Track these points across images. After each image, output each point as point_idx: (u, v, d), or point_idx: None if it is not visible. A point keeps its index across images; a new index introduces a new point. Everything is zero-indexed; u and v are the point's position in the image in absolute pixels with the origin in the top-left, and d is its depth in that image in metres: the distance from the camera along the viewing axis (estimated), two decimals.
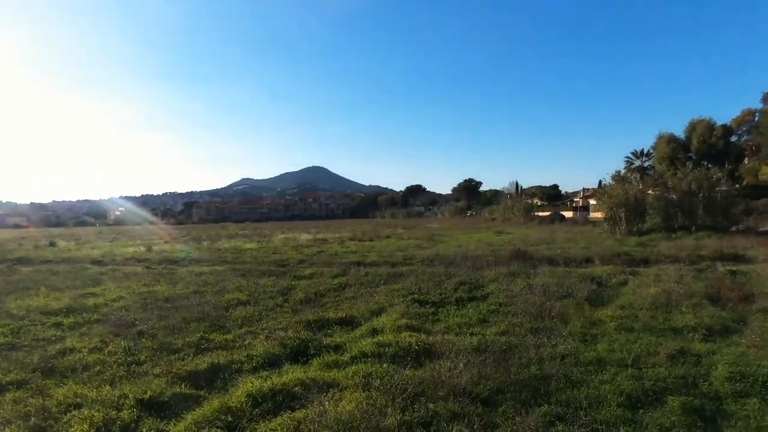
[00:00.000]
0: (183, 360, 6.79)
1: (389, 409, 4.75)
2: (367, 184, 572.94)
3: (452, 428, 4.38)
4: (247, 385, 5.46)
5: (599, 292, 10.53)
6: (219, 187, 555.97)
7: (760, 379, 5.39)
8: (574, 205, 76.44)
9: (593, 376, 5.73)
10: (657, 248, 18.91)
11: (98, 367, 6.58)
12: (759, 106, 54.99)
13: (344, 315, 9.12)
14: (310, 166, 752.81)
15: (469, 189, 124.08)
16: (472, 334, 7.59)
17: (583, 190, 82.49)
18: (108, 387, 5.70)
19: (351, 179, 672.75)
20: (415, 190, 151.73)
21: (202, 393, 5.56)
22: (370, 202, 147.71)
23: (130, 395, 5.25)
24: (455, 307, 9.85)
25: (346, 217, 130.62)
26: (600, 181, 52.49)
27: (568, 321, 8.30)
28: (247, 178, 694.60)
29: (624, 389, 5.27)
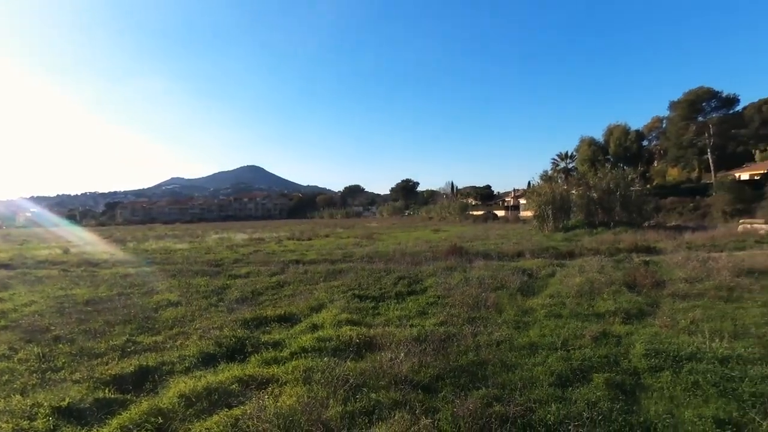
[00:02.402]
0: (107, 364, 6.32)
1: (331, 400, 4.73)
2: (305, 184, 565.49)
3: (394, 415, 4.44)
4: (180, 385, 5.20)
5: (530, 283, 11.12)
6: (146, 187, 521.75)
7: (671, 354, 5.97)
8: (506, 204, 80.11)
9: (526, 360, 6.07)
10: (581, 242, 20.32)
11: (6, 376, 5.96)
12: (666, 113, 61.00)
13: (283, 312, 8.94)
14: (246, 165, 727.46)
15: (406, 189, 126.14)
16: (412, 326, 7.73)
17: (514, 190, 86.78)
18: (18, 396, 5.18)
19: (289, 179, 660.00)
20: (354, 190, 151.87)
21: (128, 397, 5.21)
22: (308, 202, 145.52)
23: (45, 403, 4.81)
24: (395, 301, 9.99)
25: (284, 218, 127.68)
26: (529, 182, 55.62)
27: (502, 310, 8.72)
28: (178, 178, 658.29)
29: (554, 370, 5.62)
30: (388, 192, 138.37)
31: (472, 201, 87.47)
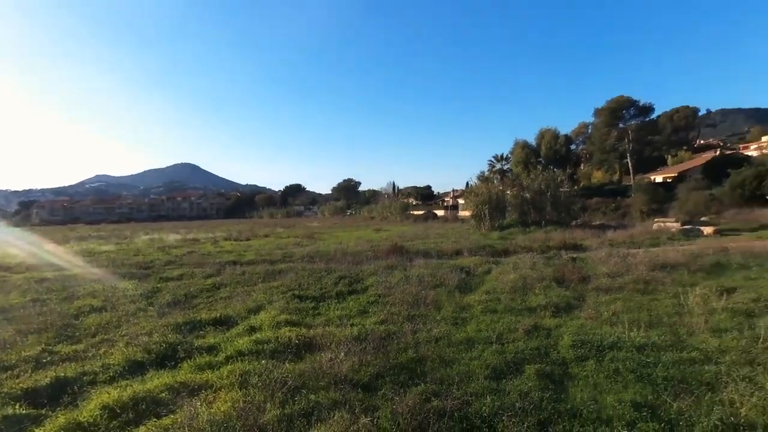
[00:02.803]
0: (18, 377, 5.77)
1: (268, 404, 4.61)
2: (243, 183, 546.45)
3: (333, 416, 4.40)
4: (102, 396, 4.85)
5: (468, 281, 11.47)
6: (67, 185, 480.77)
7: (595, 344, 6.37)
8: (445, 204, 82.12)
9: (464, 354, 6.25)
10: (515, 240, 21.25)
11: None
12: (591, 120, 65.28)
13: (219, 315, 8.61)
14: (180, 163, 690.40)
15: (348, 189, 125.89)
16: (352, 325, 7.72)
17: (453, 190, 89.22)
18: None
19: (226, 178, 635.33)
20: (295, 190, 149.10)
21: (43, 412, 4.78)
22: (247, 202, 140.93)
23: None
24: (336, 300, 9.93)
25: (221, 217, 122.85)
26: (467, 182, 57.39)
27: (441, 307, 8.92)
28: (104, 175, 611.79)
29: (490, 363, 5.83)
30: (330, 191, 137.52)
31: (413, 201, 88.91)
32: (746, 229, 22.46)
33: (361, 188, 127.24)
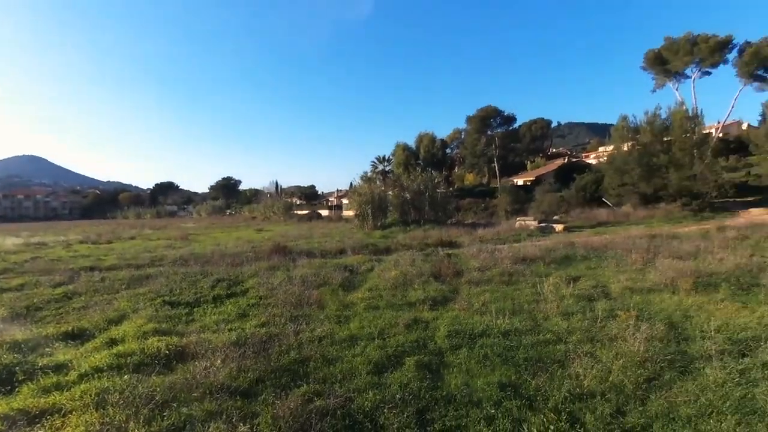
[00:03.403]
0: None
1: (131, 423, 4.15)
2: (104, 179, 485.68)
3: (208, 427, 4.11)
4: None
5: (351, 279, 11.59)
6: None
7: (467, 333, 6.87)
8: (329, 204, 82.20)
9: (347, 352, 6.29)
10: (396, 239, 22.03)
11: None
12: (464, 126, 70.64)
13: (70, 328, 7.52)
14: (21, 155, 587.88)
15: (227, 187, 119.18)
16: (230, 330, 7.31)
17: (338, 190, 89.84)
18: None
19: (82, 173, 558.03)
20: (167, 188, 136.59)
21: None
22: (108, 201, 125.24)
23: None
24: (212, 305, 9.33)
25: (76, 218, 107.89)
26: (351, 182, 58.08)
27: (325, 306, 8.88)
28: None
29: (372, 358, 5.95)
30: (208, 190, 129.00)
31: (296, 200, 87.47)
32: (588, 226, 26.08)
33: (242, 187, 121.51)
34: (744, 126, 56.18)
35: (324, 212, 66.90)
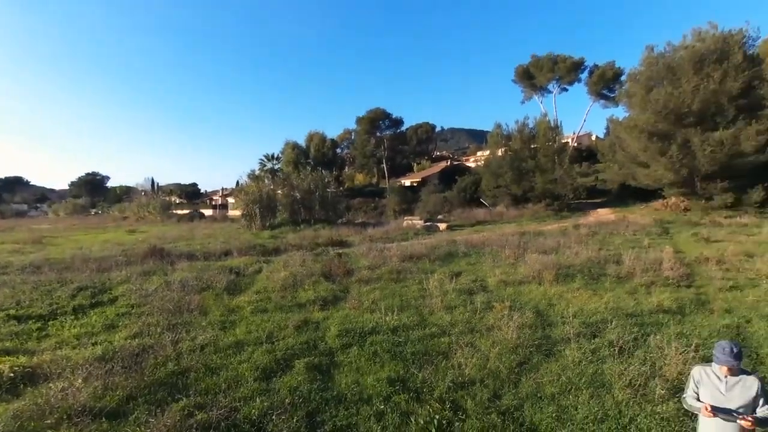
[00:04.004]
0: None
1: None
2: None
3: None
4: None
5: (237, 281, 11.03)
6: None
7: (357, 331, 6.93)
8: (214, 203, 77.40)
9: (232, 359, 5.95)
10: (286, 239, 21.50)
11: None
12: (354, 127, 71.56)
13: None
14: None
15: (92, 184, 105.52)
16: (95, 344, 6.50)
17: (223, 189, 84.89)
18: None
19: None
20: (14, 183, 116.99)
21: None
22: None
23: None
24: (73, 317, 8.21)
25: None
26: (237, 181, 55.39)
27: (208, 312, 8.33)
28: None
29: (260, 364, 5.71)
30: (68, 187, 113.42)
31: (176, 199, 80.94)
32: (468, 225, 28.00)
33: (111, 184, 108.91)
34: (593, 137, 64.81)
35: (208, 212, 62.95)
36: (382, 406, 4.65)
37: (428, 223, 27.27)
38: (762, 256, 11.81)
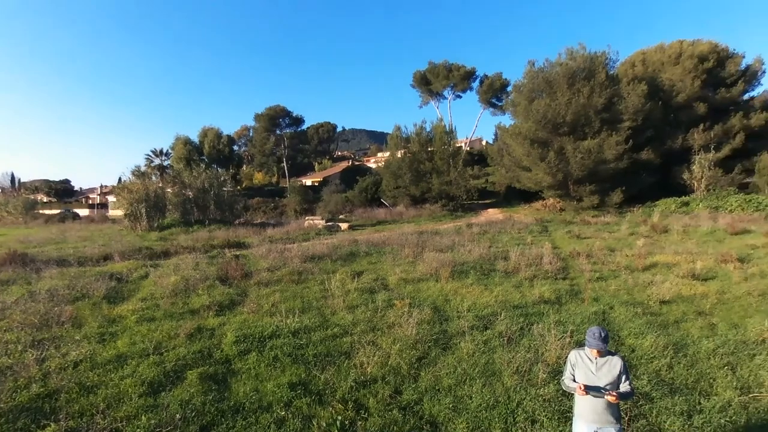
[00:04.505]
0: None
1: None
2: None
3: None
4: None
5: (119, 289, 10.00)
6: None
7: (257, 336, 6.65)
8: (91, 202, 69.56)
9: (113, 375, 5.37)
10: (177, 241, 19.99)
11: None
12: (252, 123, 68.95)
13: None
14: None
15: None
16: None
17: (102, 186, 76.61)
18: None
19: None
20: None
21: None
22: None
23: None
24: None
25: None
26: (120, 178, 50.25)
27: (83, 324, 7.41)
28: None
29: (146, 378, 5.22)
30: None
31: (43, 197, 71.38)
32: (369, 224, 28.43)
33: None
34: (484, 142, 69.65)
35: (84, 212, 56.33)
36: (283, 412, 4.51)
37: (330, 223, 27.19)
38: (621, 250, 13.58)
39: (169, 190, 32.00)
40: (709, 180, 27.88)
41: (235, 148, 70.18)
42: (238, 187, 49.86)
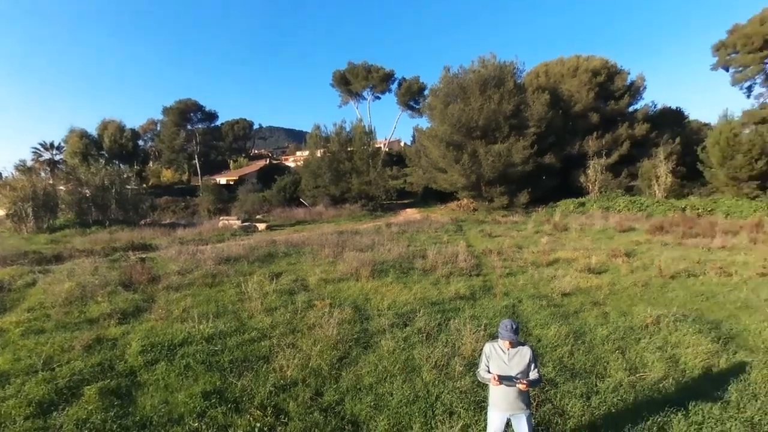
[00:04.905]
0: None
1: None
2: None
3: None
4: None
5: (1, 299, 8.83)
6: None
7: (166, 345, 6.22)
8: None
9: None
10: (71, 243, 18.15)
11: None
12: (161, 117, 64.26)
13: None
14: None
15: None
16: None
17: None
18: None
19: None
20: None
21: None
22: None
23: None
24: None
25: None
26: (0, 173, 44.40)
27: None
28: None
29: (33, 397, 4.67)
30: None
31: None
32: (288, 224, 27.79)
33: None
34: (402, 144, 71.16)
35: None
36: (196, 424, 4.25)
37: (246, 224, 26.20)
38: (528, 248, 14.57)
39: (62, 187, 28.96)
40: (601, 183, 30.89)
41: (141, 143, 65.12)
42: (144, 185, 46.29)
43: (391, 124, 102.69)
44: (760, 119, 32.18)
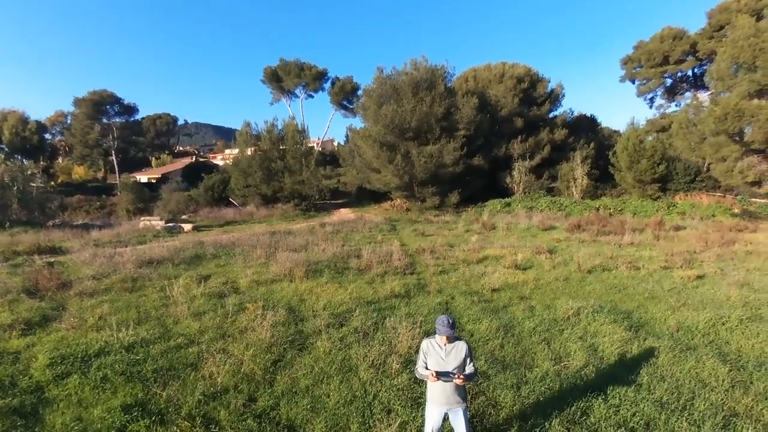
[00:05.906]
0: None
1: None
2: None
3: None
4: None
5: None
6: None
7: (79, 356, 5.69)
8: None
9: None
10: None
11: None
12: (71, 109, 58.93)
13: None
14: None
15: None
16: None
17: None
18: None
19: None
20: None
21: None
22: None
23: None
24: None
25: None
26: None
27: None
28: None
29: None
30: None
31: None
32: (216, 225, 26.59)
33: None
34: (335, 143, 70.80)
35: None
36: None
37: (170, 224, 24.73)
38: (459, 246, 15.02)
39: None
40: (525, 184, 32.69)
41: (48, 136, 59.42)
42: (52, 183, 42.23)
43: (325, 123, 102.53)
44: (661, 128, 35.73)
